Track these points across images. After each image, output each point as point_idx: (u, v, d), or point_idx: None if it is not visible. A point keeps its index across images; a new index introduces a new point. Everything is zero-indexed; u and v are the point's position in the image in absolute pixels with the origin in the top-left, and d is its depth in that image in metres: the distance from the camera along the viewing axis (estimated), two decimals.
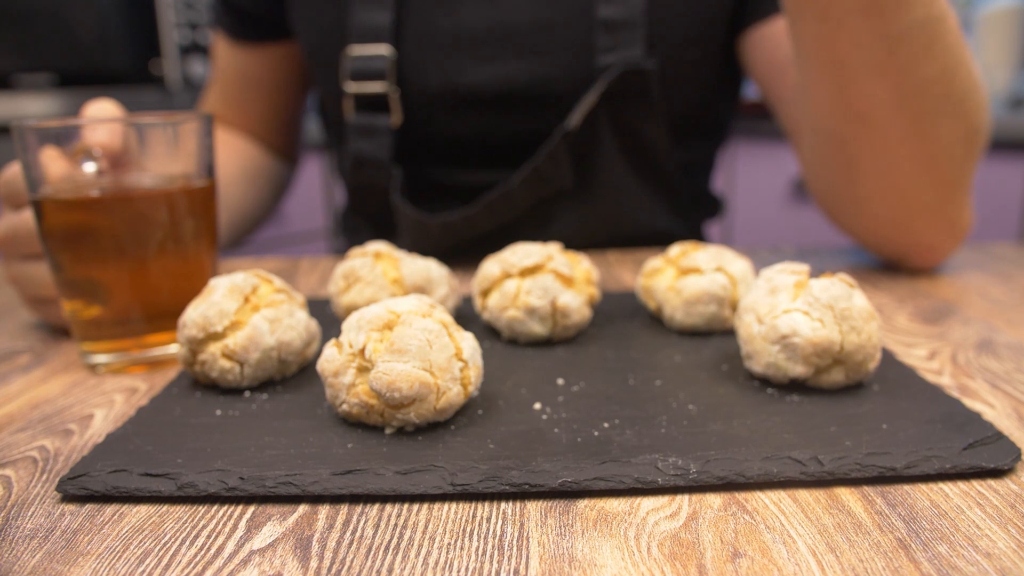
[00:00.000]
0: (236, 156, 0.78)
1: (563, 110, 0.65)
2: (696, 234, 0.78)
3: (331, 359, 0.33)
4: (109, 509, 0.28)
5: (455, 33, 0.65)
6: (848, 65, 0.50)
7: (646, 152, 0.67)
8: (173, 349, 0.43)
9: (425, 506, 0.28)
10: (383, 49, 0.65)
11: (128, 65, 1.66)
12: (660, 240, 0.72)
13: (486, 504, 0.28)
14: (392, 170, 0.67)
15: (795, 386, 0.36)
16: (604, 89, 0.62)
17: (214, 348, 0.37)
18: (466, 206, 0.65)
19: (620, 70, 0.62)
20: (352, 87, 0.66)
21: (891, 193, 0.55)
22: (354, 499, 0.28)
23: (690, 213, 0.76)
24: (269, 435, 0.32)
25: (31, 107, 1.57)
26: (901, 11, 0.46)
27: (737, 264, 0.45)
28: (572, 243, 0.68)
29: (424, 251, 0.63)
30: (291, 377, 0.39)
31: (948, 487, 0.28)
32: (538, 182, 0.64)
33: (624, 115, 0.65)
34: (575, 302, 0.43)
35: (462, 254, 0.67)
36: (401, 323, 0.33)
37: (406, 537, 0.26)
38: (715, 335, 0.45)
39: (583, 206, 0.68)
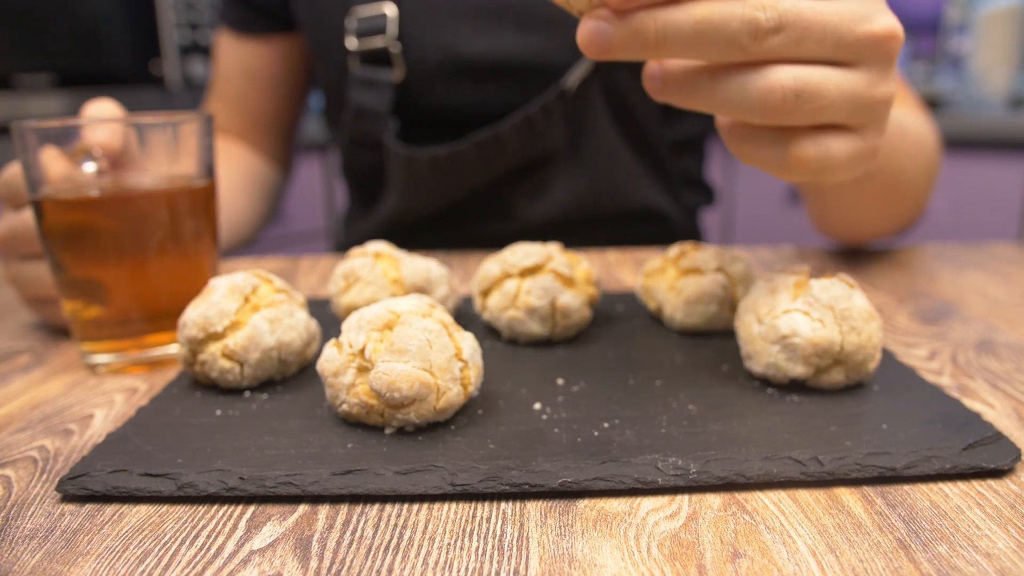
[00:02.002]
0: (235, 166, 0.78)
1: (558, 83, 0.67)
2: (690, 218, 0.79)
3: (331, 359, 0.33)
4: (109, 509, 0.28)
5: (453, 3, 0.67)
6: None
7: (637, 124, 0.70)
8: (173, 349, 0.43)
9: (425, 506, 0.28)
10: (387, 8, 0.67)
11: (128, 65, 1.66)
12: (654, 218, 0.74)
13: (486, 504, 0.28)
14: (389, 122, 0.68)
15: (795, 386, 0.36)
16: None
17: (214, 348, 0.37)
18: (455, 141, 0.66)
19: None
20: (354, 43, 0.68)
21: (864, 226, 0.64)
22: (354, 499, 0.28)
23: (682, 194, 0.77)
24: (269, 435, 0.32)
25: (31, 107, 1.57)
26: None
27: (737, 264, 0.45)
28: (566, 213, 0.70)
29: (414, 195, 0.65)
30: (291, 377, 0.39)
31: (948, 487, 0.28)
32: (529, 131, 0.65)
33: (617, 86, 0.67)
34: (575, 302, 0.43)
35: (452, 218, 0.68)
36: (401, 323, 0.33)
37: (406, 537, 0.26)
38: (715, 335, 0.45)
39: (577, 173, 0.70)
